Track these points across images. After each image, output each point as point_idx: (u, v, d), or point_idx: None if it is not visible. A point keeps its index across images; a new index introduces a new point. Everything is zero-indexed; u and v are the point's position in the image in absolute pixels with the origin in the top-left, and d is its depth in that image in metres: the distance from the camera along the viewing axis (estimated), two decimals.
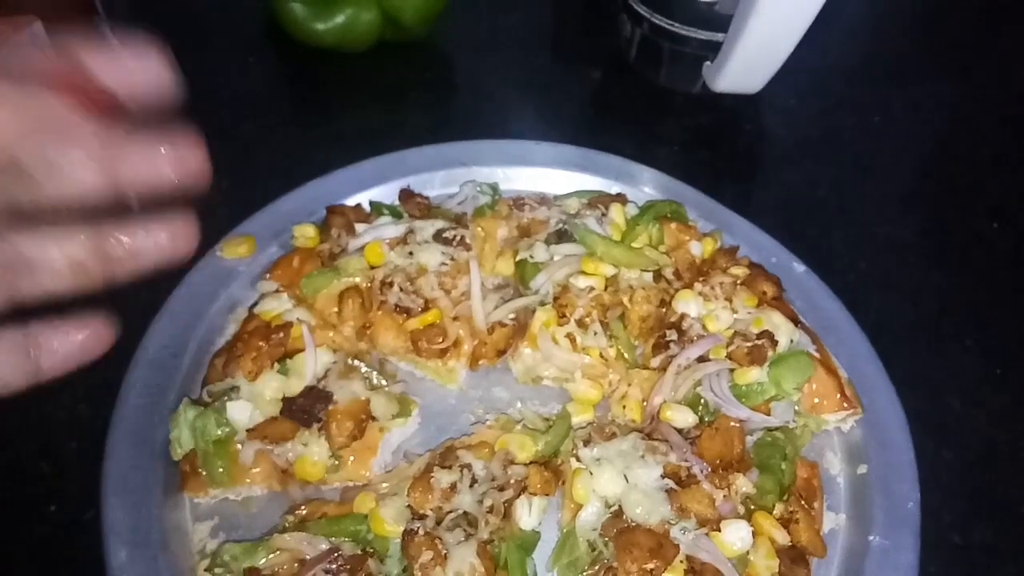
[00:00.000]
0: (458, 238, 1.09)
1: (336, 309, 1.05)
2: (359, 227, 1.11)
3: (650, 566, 0.83)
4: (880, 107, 1.58)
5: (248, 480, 0.92)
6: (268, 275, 1.10)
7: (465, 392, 1.08)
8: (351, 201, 1.19)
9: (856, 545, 0.96)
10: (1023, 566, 1.00)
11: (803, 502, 0.94)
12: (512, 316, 1.08)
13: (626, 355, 1.06)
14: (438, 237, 1.09)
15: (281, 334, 0.97)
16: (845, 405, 1.01)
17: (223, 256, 1.12)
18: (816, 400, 1.01)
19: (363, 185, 1.22)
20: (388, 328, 1.04)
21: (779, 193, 1.39)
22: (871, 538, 0.95)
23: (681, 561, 0.85)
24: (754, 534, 0.88)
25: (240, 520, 0.94)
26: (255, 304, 1.06)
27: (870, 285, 1.25)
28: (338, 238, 1.10)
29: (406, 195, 1.16)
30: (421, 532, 0.83)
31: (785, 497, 0.93)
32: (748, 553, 0.88)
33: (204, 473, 0.92)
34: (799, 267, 1.18)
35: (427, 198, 1.18)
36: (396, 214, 1.15)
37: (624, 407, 1.02)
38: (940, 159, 1.51)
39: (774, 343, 1.00)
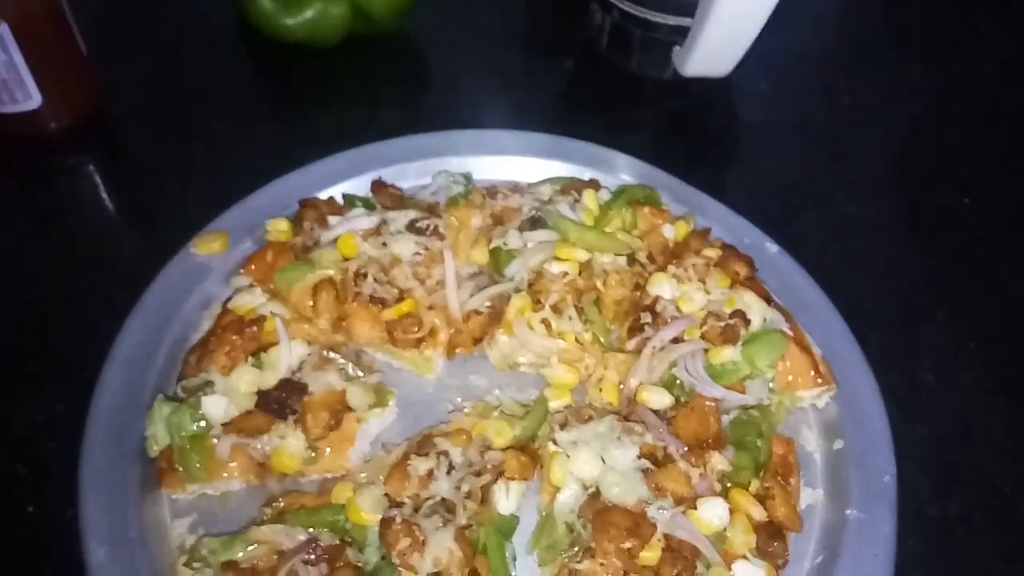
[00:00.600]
0: (431, 227, 1.10)
1: (311, 302, 1.05)
2: (332, 219, 1.11)
3: (628, 545, 0.84)
4: (851, 90, 1.59)
5: (225, 474, 0.92)
6: (242, 270, 1.09)
7: (442, 381, 1.08)
8: (324, 194, 1.19)
9: (833, 520, 0.97)
10: (999, 537, 1.01)
11: (779, 478, 0.95)
12: (487, 304, 1.09)
13: (601, 339, 1.06)
14: (411, 227, 1.09)
15: (255, 328, 0.97)
16: (819, 382, 1.02)
17: (196, 252, 1.11)
18: (790, 377, 1.02)
19: (336, 178, 1.22)
20: (363, 319, 1.04)
21: (752, 177, 1.40)
22: (848, 512, 0.96)
23: (659, 540, 0.86)
24: (731, 511, 0.89)
25: (219, 515, 0.93)
26: (229, 299, 1.06)
27: (843, 265, 1.26)
28: (311, 231, 1.10)
29: (378, 186, 1.16)
30: (398, 520, 0.83)
31: (761, 474, 0.94)
32: (725, 530, 0.88)
33: (181, 469, 0.91)
34: (772, 247, 1.19)
35: (400, 189, 1.18)
36: (369, 206, 1.15)
37: (601, 390, 1.02)
38: (911, 140, 1.53)
39: (747, 322, 1.01)
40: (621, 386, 1.03)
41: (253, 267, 1.09)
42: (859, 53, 1.68)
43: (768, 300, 1.06)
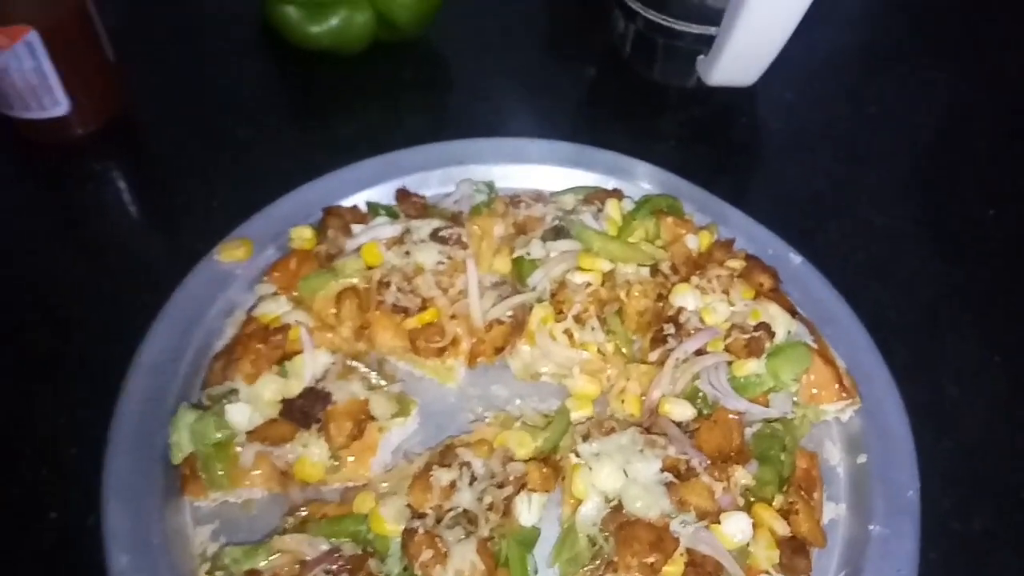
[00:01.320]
0: (455, 236, 1.10)
1: (334, 310, 1.06)
2: (355, 228, 1.11)
3: (650, 560, 0.83)
4: (876, 98, 1.57)
5: (248, 482, 0.93)
6: (266, 278, 1.10)
7: (464, 390, 1.08)
8: (348, 202, 1.20)
9: (856, 535, 0.96)
10: (1023, 552, 1.00)
11: (803, 493, 0.94)
12: (510, 313, 1.09)
13: (624, 350, 1.06)
14: (435, 236, 1.10)
15: (279, 336, 0.98)
16: (843, 395, 1.01)
17: (220, 260, 1.12)
18: (814, 391, 1.01)
19: (360, 186, 1.22)
20: (386, 328, 1.05)
21: (775, 185, 1.39)
22: (871, 527, 0.95)
23: (681, 554, 0.86)
24: (754, 526, 0.88)
25: (241, 523, 0.94)
26: (253, 307, 1.07)
27: (868, 275, 1.25)
28: (335, 239, 1.10)
29: (402, 195, 1.16)
30: (421, 531, 0.83)
31: (784, 488, 0.93)
32: (748, 545, 0.88)
33: (204, 476, 0.92)
34: (796, 258, 1.18)
35: (423, 197, 1.18)
36: (393, 214, 1.15)
37: (623, 402, 1.02)
38: (936, 148, 1.51)
39: (771, 334, 1.00)
40: (643, 398, 1.02)
41: (276, 275, 1.10)
42: (884, 60, 1.66)
43: (793, 312, 1.05)
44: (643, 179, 1.27)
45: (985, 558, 0.99)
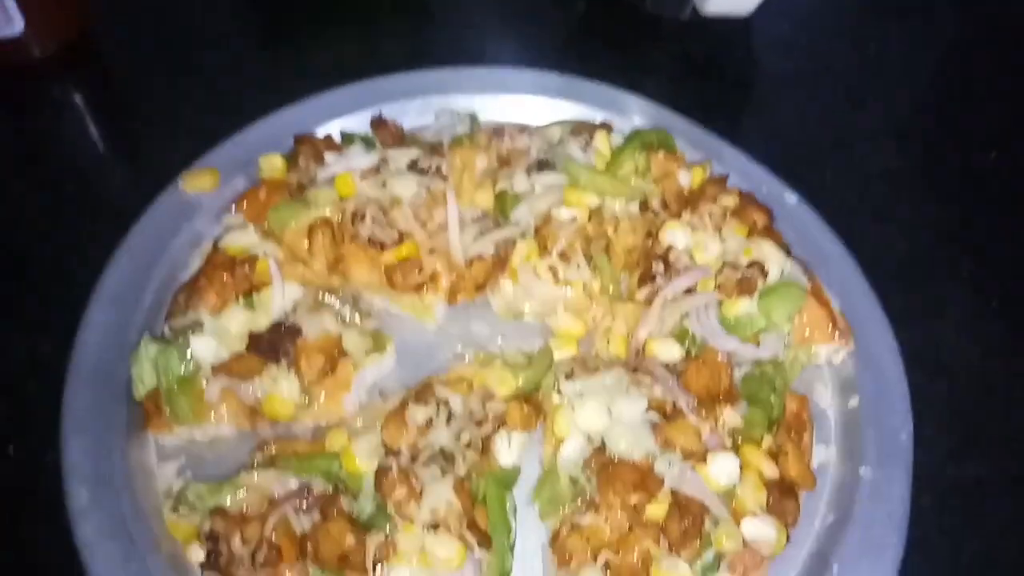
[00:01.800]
0: (434, 168, 1.04)
1: (306, 243, 1.00)
2: (329, 157, 1.05)
3: (633, 500, 0.80)
4: (876, 35, 1.51)
5: (214, 418, 0.88)
6: (234, 208, 1.04)
7: (443, 328, 1.03)
8: (321, 131, 1.13)
9: (846, 478, 0.93)
10: (1016, 498, 0.98)
11: (792, 435, 0.91)
12: (491, 249, 1.04)
13: (610, 288, 1.02)
14: (413, 167, 1.04)
15: (247, 267, 0.93)
16: (837, 336, 0.98)
17: (185, 189, 1.06)
18: (807, 332, 0.98)
19: (333, 114, 1.16)
20: (361, 262, 1.00)
21: (771, 124, 1.34)
22: (862, 470, 0.92)
23: (666, 495, 0.82)
24: (741, 468, 0.85)
25: (207, 460, 0.90)
26: (220, 238, 1.01)
27: (864, 217, 1.20)
28: (307, 168, 1.04)
29: (378, 123, 1.10)
30: (395, 468, 0.79)
31: (774, 430, 0.90)
32: (735, 487, 0.85)
33: (168, 411, 0.88)
34: (791, 198, 1.14)
35: (400, 126, 1.12)
36: (368, 144, 1.09)
37: (608, 341, 0.98)
38: (936, 90, 1.46)
39: (764, 273, 0.96)
40: (629, 337, 0.98)
41: (245, 205, 1.04)
42: None
43: (787, 251, 1.01)
44: (634, 113, 1.21)
45: (978, 504, 0.97)
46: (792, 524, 0.86)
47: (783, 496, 0.85)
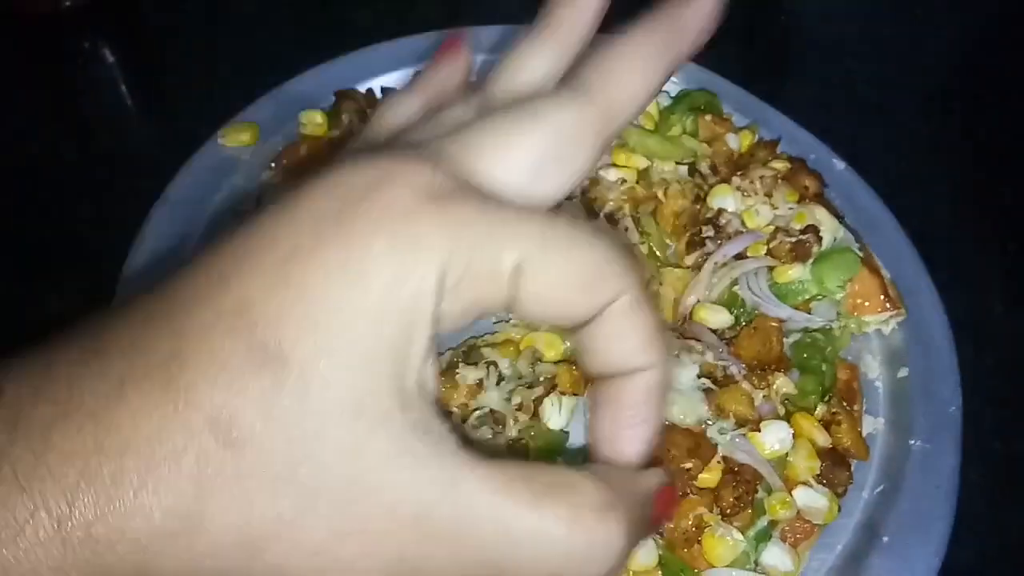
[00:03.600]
0: None
1: None
2: (371, 113, 1.03)
3: (688, 465, 0.79)
4: (921, 2, 1.47)
5: None
6: (273, 164, 1.02)
7: None
8: (361, 88, 1.11)
9: (896, 450, 0.92)
10: None
11: (844, 404, 0.90)
12: None
13: (658, 253, 1.00)
14: None
15: None
16: (888, 306, 0.96)
17: (225, 144, 1.04)
18: (858, 300, 0.96)
19: (374, 71, 1.13)
20: None
21: (815, 89, 1.31)
22: (912, 442, 0.91)
23: (718, 462, 0.81)
24: (794, 436, 0.84)
25: None
26: (261, 195, 0.99)
27: (911, 186, 1.18)
28: (348, 124, 1.02)
29: None
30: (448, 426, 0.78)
31: (827, 399, 0.89)
32: (787, 455, 0.84)
33: None
34: (839, 164, 1.11)
35: None
36: None
37: (656, 307, 0.96)
38: (985, 55, 1.42)
39: (819, 238, 0.94)
40: (677, 304, 0.97)
41: (285, 162, 1.02)
42: None
43: (839, 218, 0.98)
44: (678, 76, 1.18)
45: None
46: (843, 494, 0.85)
47: (836, 465, 0.84)
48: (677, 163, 1.03)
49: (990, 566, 0.91)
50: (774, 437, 0.83)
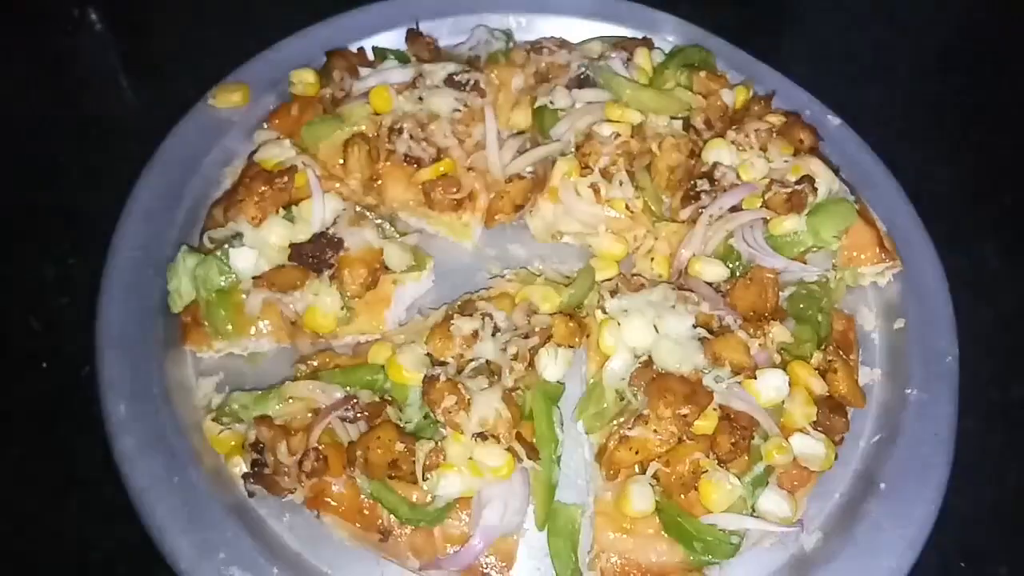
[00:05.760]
0: (472, 82, 1.01)
1: (341, 160, 0.98)
2: (363, 71, 1.02)
3: (684, 411, 0.78)
4: None
5: (254, 332, 0.87)
6: (266, 125, 1.02)
7: (480, 250, 1.02)
8: (352, 48, 1.10)
9: (892, 399, 0.92)
10: None
11: (840, 353, 0.90)
12: (530, 169, 1.01)
13: (653, 207, 0.99)
14: (450, 81, 1.01)
15: (285, 178, 0.90)
16: (884, 257, 0.96)
17: (215, 105, 1.03)
18: (854, 253, 0.96)
19: (364, 32, 1.12)
20: (397, 180, 0.97)
21: (811, 48, 1.31)
22: (908, 391, 0.91)
23: (714, 409, 0.81)
24: (790, 384, 0.83)
25: (247, 376, 0.89)
26: (253, 153, 0.98)
27: (907, 142, 1.18)
28: (340, 83, 1.01)
29: (413, 36, 1.07)
30: (443, 377, 0.77)
31: (823, 348, 0.88)
32: (784, 403, 0.83)
33: (207, 325, 0.86)
34: (834, 120, 1.11)
35: (436, 41, 1.08)
36: (403, 59, 1.06)
37: (652, 260, 0.96)
38: (981, 14, 1.41)
39: (815, 189, 0.93)
40: (672, 258, 0.96)
41: (278, 122, 1.02)
42: None
43: (835, 170, 0.98)
44: (671, 34, 1.18)
45: (1022, 427, 0.96)
46: (839, 442, 0.85)
47: (832, 412, 0.84)
48: (672, 118, 1.02)
49: (987, 513, 0.91)
50: (770, 385, 0.83)
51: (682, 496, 0.79)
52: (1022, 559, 0.89)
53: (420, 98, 0.99)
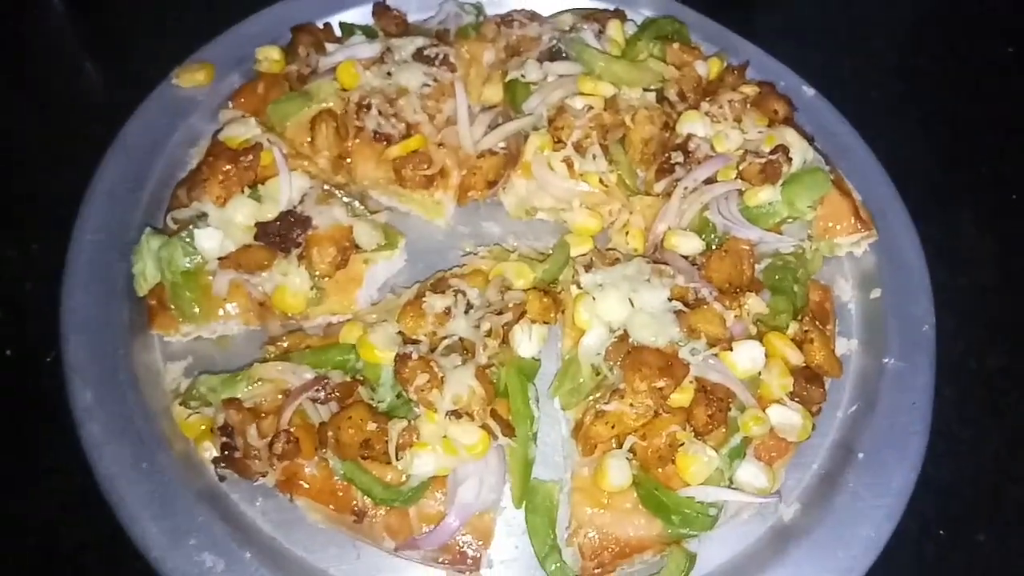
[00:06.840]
0: (441, 57, 0.99)
1: (308, 138, 0.96)
2: (330, 47, 1.00)
3: (660, 384, 0.78)
4: None
5: (222, 314, 0.85)
6: (231, 103, 0.99)
7: (453, 228, 1.00)
8: (319, 24, 1.07)
9: (870, 369, 0.92)
10: None
11: (817, 324, 0.89)
12: (502, 145, 0.99)
13: (627, 181, 0.98)
14: (419, 56, 0.99)
15: (250, 157, 0.88)
16: (860, 227, 0.95)
17: (179, 84, 1.01)
18: (830, 223, 0.95)
19: (330, 8, 1.10)
20: (367, 157, 0.96)
21: (785, 18, 1.29)
22: (886, 361, 0.91)
23: (691, 382, 0.80)
24: (767, 355, 0.83)
25: (216, 359, 0.87)
26: (218, 132, 0.96)
27: (882, 112, 1.17)
28: (306, 59, 0.99)
29: (381, 10, 1.05)
30: (415, 356, 0.76)
31: (799, 318, 0.88)
32: (760, 374, 0.83)
33: (173, 308, 0.84)
34: (809, 91, 1.10)
35: (404, 14, 1.06)
36: (370, 34, 1.04)
37: (627, 234, 0.95)
38: None
39: (789, 159, 0.92)
40: (647, 232, 0.95)
41: (243, 100, 0.99)
42: None
43: (809, 140, 0.97)
44: (644, 6, 1.16)
45: (999, 396, 0.96)
46: (817, 412, 0.85)
47: (809, 382, 0.84)
48: (645, 90, 1.01)
49: (965, 481, 0.91)
50: (746, 356, 0.82)
51: (659, 469, 0.78)
52: (1000, 526, 0.90)
53: (388, 73, 0.98)
